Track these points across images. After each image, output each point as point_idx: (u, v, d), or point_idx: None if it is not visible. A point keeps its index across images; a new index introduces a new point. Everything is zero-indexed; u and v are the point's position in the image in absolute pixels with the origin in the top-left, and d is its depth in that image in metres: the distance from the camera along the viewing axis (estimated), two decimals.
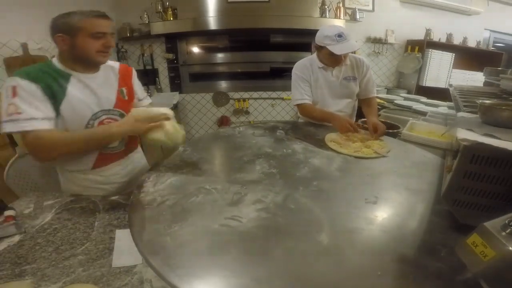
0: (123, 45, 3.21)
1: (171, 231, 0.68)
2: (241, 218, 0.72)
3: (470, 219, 0.65)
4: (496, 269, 0.40)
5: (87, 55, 0.98)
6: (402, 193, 0.87)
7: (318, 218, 0.73)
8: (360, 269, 0.57)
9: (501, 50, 3.78)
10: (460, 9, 3.58)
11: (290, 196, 0.83)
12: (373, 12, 3.43)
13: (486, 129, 0.70)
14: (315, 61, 1.65)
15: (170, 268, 0.55)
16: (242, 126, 1.55)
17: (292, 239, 0.66)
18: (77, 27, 0.93)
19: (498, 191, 0.62)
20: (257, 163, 1.06)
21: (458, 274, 0.54)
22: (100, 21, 0.96)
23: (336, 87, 1.66)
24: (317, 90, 1.66)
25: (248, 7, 2.93)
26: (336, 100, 1.69)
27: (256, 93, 3.49)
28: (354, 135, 1.35)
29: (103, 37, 0.97)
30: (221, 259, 0.59)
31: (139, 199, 0.82)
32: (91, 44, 0.96)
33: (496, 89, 1.70)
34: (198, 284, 0.53)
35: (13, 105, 0.88)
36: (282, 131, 1.44)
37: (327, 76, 1.64)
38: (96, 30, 0.95)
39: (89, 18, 0.94)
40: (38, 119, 0.90)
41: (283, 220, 0.73)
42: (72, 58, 0.99)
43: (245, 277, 0.55)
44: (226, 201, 0.81)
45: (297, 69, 1.67)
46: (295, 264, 0.58)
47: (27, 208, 0.99)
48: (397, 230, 0.69)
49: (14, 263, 0.73)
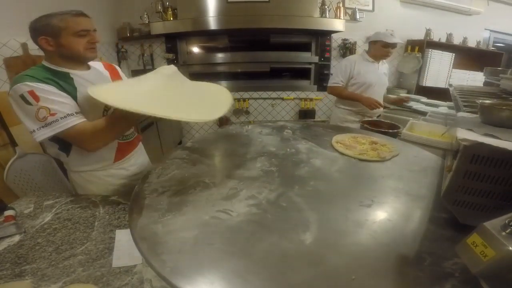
0: (123, 45, 3.21)
1: (164, 219, 0.71)
2: (232, 212, 0.74)
3: (470, 219, 0.65)
4: (496, 269, 0.40)
5: (76, 53, 0.98)
6: (400, 198, 0.84)
7: (306, 217, 0.73)
8: (334, 271, 0.56)
9: (501, 50, 3.77)
10: (460, 9, 3.58)
11: (284, 194, 0.83)
12: (373, 12, 3.43)
13: (486, 129, 0.70)
14: (364, 56, 2.16)
15: (155, 253, 0.59)
16: (250, 125, 1.56)
17: (276, 236, 0.66)
18: (59, 27, 0.92)
19: (498, 191, 0.62)
20: (258, 161, 1.07)
21: (437, 285, 0.53)
22: (81, 19, 0.96)
23: (380, 78, 2.19)
24: (366, 79, 2.12)
25: (248, 7, 2.93)
26: (377, 87, 2.18)
27: (256, 93, 3.49)
28: (364, 138, 1.31)
29: (87, 35, 0.98)
30: (204, 249, 0.61)
31: (142, 189, 0.86)
32: (76, 42, 0.96)
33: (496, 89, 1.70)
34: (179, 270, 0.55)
35: (42, 109, 0.87)
36: (290, 131, 1.44)
37: (374, 68, 2.15)
38: (79, 28, 0.95)
39: (70, 17, 0.93)
40: (73, 114, 0.91)
41: (272, 216, 0.73)
42: (62, 57, 0.98)
43: (222, 269, 0.56)
44: (221, 195, 0.83)
45: (344, 61, 2.23)
46: (273, 260, 0.59)
47: (27, 208, 0.99)
48: (385, 234, 0.67)
49: (14, 263, 0.73)
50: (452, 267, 0.56)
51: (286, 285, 0.54)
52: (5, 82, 1.99)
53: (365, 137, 1.33)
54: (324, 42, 3.33)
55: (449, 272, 0.55)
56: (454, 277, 0.54)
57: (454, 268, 0.56)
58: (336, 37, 3.39)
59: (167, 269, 0.55)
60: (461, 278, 0.53)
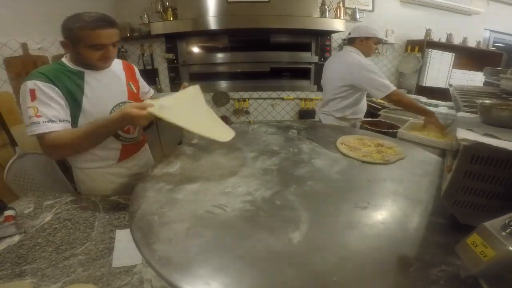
0: (123, 45, 3.21)
1: (161, 211, 0.74)
2: (226, 207, 0.76)
3: (470, 219, 0.65)
4: (496, 269, 0.40)
5: (89, 63, 1.01)
6: (398, 202, 0.82)
7: (298, 216, 0.73)
8: (316, 272, 0.55)
9: (501, 50, 3.77)
10: (460, 9, 3.58)
11: (280, 193, 0.84)
12: (373, 12, 3.42)
13: (486, 129, 0.70)
14: (360, 55, 1.89)
15: (147, 242, 0.62)
16: (257, 124, 1.58)
17: (265, 233, 0.66)
18: (78, 37, 0.94)
19: (498, 191, 0.62)
20: (260, 159, 1.08)
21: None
22: (100, 32, 0.94)
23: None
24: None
25: (248, 7, 2.92)
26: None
27: (256, 93, 3.49)
28: (370, 140, 1.29)
29: (103, 48, 0.98)
30: (194, 241, 0.63)
31: (146, 182, 0.90)
32: (90, 54, 0.98)
33: (496, 89, 1.70)
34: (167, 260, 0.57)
35: (31, 109, 0.91)
36: (295, 131, 1.44)
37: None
38: (95, 42, 0.95)
39: (89, 31, 0.92)
40: (55, 121, 0.93)
41: (264, 214, 0.74)
42: (78, 61, 1.02)
43: (208, 261, 0.57)
44: (218, 191, 0.85)
45: (367, 62, 1.84)
46: (257, 256, 0.59)
47: (27, 208, 0.99)
48: (375, 238, 0.66)
49: (14, 263, 0.73)
50: (438, 274, 0.54)
51: (264, 281, 0.54)
52: (5, 82, 1.99)
53: (372, 139, 1.30)
54: (324, 42, 3.32)
55: (434, 279, 0.54)
56: (438, 285, 0.52)
57: (439, 275, 0.54)
58: (336, 37, 3.39)
59: (155, 257, 0.58)
60: (445, 286, 0.52)
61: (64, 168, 1.55)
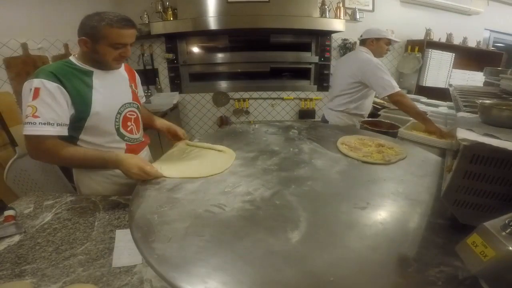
0: None
1: (161, 210, 0.75)
2: (225, 207, 0.76)
3: (470, 219, 0.65)
4: (496, 269, 0.40)
5: (104, 61, 1.02)
6: (398, 202, 0.81)
7: (297, 216, 0.73)
8: (313, 272, 0.55)
9: (501, 50, 3.77)
10: (460, 9, 3.58)
11: (279, 193, 0.84)
12: (373, 12, 3.43)
13: (486, 129, 0.70)
14: (370, 55, 1.93)
15: (146, 241, 0.63)
16: (258, 124, 1.58)
17: (263, 233, 0.67)
18: (102, 34, 0.94)
19: (498, 191, 0.62)
20: (260, 159, 1.08)
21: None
22: (125, 31, 0.97)
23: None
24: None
25: (248, 7, 2.93)
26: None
27: (256, 93, 3.49)
28: (371, 140, 1.29)
29: (123, 47, 1.00)
30: (193, 240, 0.63)
31: (146, 181, 0.92)
32: (109, 53, 0.99)
33: (496, 89, 1.70)
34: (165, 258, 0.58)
35: (30, 107, 0.90)
36: (296, 131, 1.44)
37: None
38: (119, 41, 0.97)
39: (115, 29, 0.94)
40: (53, 124, 0.92)
41: (263, 213, 0.74)
42: (92, 59, 1.02)
43: (206, 260, 0.58)
44: (218, 190, 0.85)
45: (377, 61, 1.85)
46: (255, 256, 0.59)
47: (27, 208, 0.99)
48: (374, 238, 0.66)
49: (14, 263, 0.74)
50: (436, 275, 0.54)
51: (262, 280, 0.54)
52: (5, 82, 1.99)
53: (373, 139, 1.30)
54: (324, 42, 3.32)
55: (432, 280, 0.53)
56: (436, 286, 0.52)
57: (438, 276, 0.54)
58: (336, 37, 3.39)
59: (154, 256, 0.58)
60: (443, 287, 0.52)
61: (64, 168, 1.55)
